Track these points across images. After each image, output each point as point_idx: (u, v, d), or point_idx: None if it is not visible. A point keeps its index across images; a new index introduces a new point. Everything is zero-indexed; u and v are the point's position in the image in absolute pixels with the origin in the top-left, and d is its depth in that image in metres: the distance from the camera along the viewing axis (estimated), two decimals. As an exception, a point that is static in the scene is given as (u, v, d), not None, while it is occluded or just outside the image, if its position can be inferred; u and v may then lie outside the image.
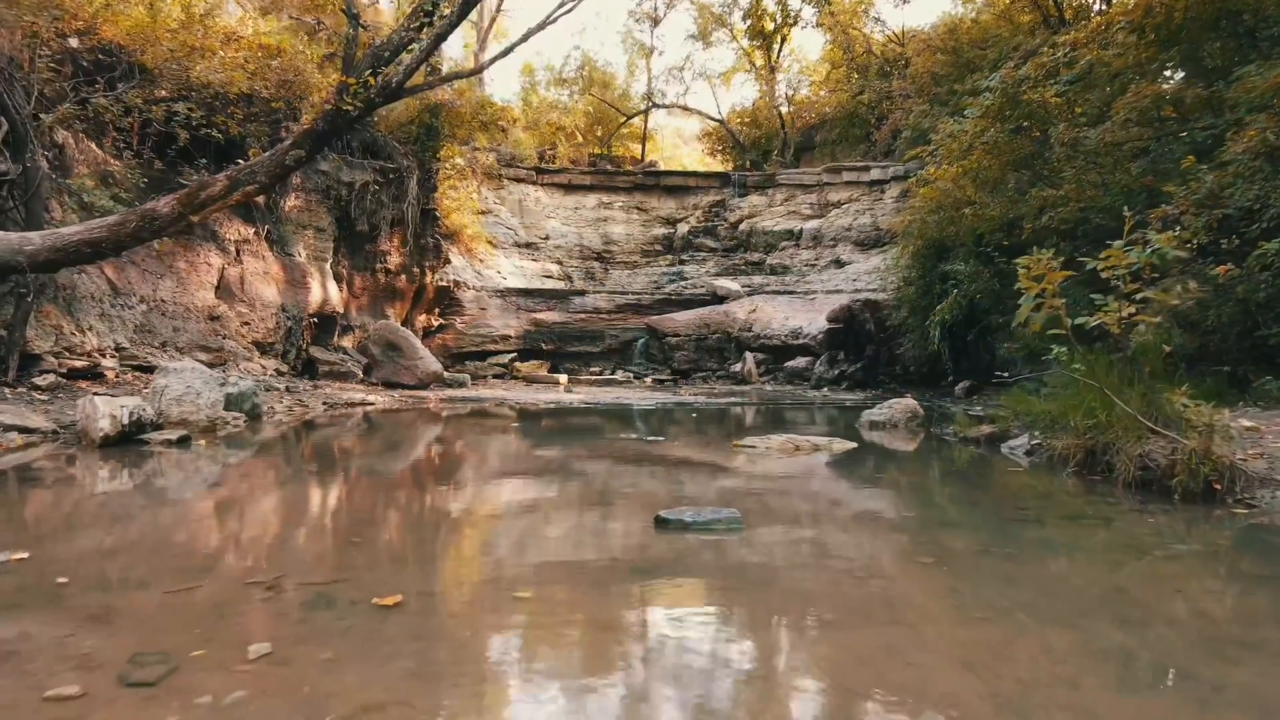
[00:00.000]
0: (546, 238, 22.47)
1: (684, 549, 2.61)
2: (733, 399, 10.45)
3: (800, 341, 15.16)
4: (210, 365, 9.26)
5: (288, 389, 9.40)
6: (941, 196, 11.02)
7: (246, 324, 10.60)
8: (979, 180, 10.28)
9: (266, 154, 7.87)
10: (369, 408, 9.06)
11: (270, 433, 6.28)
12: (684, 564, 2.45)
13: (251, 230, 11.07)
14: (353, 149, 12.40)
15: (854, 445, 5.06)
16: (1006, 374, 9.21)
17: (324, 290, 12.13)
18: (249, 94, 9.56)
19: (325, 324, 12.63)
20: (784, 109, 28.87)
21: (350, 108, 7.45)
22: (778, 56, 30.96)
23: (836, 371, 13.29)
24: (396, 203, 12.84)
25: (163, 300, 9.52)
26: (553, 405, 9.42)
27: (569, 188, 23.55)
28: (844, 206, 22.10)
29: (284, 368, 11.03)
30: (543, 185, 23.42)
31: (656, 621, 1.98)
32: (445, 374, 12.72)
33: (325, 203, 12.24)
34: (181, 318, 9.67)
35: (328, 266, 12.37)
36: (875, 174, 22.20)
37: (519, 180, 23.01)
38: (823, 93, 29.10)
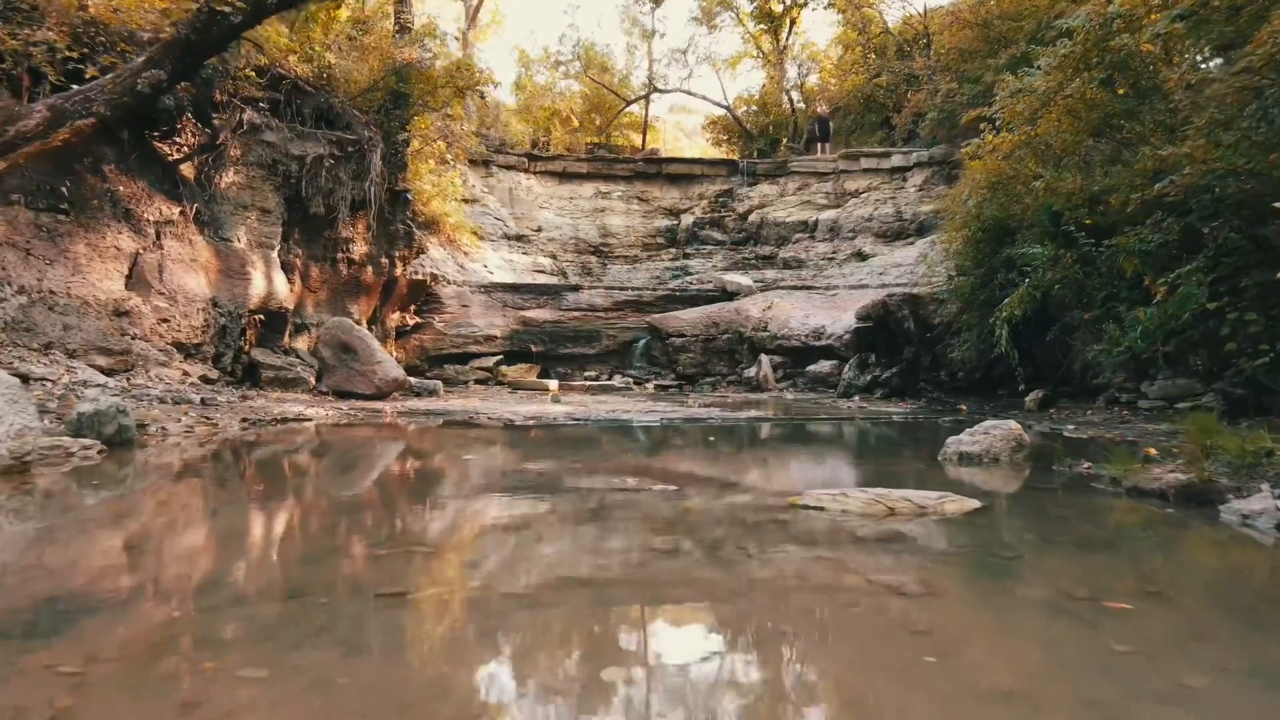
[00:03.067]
0: (539, 230, 20.66)
1: None
2: (753, 413, 8.62)
3: (823, 343, 13.33)
4: (110, 371, 7.45)
5: (204, 401, 7.58)
6: (1002, 169, 9.21)
7: (165, 321, 8.78)
8: (1057, 146, 8.47)
9: (109, 74, 5.97)
10: (303, 425, 7.25)
11: (136, 467, 4.47)
12: None
13: (177, 209, 9.25)
14: (304, 116, 10.57)
15: (976, 504, 3.23)
16: (1108, 382, 7.40)
17: (269, 282, 10.31)
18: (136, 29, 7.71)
19: (274, 322, 10.81)
20: (794, 94, 27.06)
21: (227, 7, 5.59)
22: (787, 40, 29.17)
23: (868, 377, 11.46)
24: (357, 181, 11.02)
25: (51, 291, 7.70)
26: (533, 421, 7.59)
27: (564, 176, 21.73)
28: (863, 195, 20.30)
29: (213, 374, 9.20)
30: (535, 173, 21.61)
31: None
32: (413, 380, 10.89)
33: (271, 179, 10.42)
34: (76, 313, 7.84)
35: (275, 254, 10.54)
36: (897, 160, 20.40)
37: (509, 167, 21.20)
38: (833, 81, 27.30)
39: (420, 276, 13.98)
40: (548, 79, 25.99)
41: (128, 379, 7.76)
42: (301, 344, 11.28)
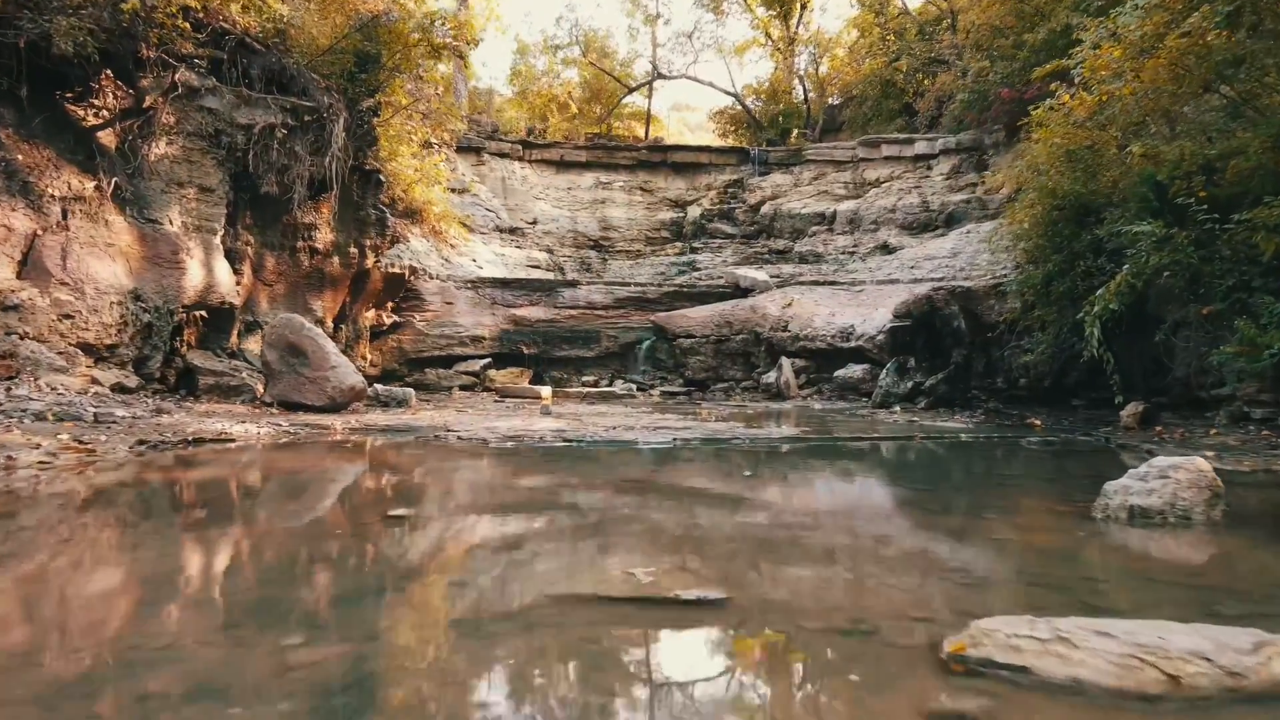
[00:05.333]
0: (534, 222, 19.13)
1: None
2: (785, 429, 7.05)
3: (852, 344, 11.76)
4: (-19, 380, 5.88)
5: (98, 418, 6.01)
6: (1080, 136, 7.65)
7: (68, 318, 7.22)
8: (1155, 104, 6.90)
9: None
10: (221, 447, 5.70)
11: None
12: None
13: (91, 183, 7.71)
14: (251, 79, 9.02)
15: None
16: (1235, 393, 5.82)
17: (209, 272, 8.75)
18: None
19: (218, 320, 9.27)
20: (807, 80, 25.50)
21: None
22: (797, 26, 27.61)
23: (909, 384, 9.88)
24: (317, 156, 9.47)
25: (-90, 279, 6.16)
26: (512, 443, 6.03)
27: (562, 165, 20.20)
28: (884, 185, 18.75)
29: (132, 381, 7.64)
30: (531, 162, 20.08)
31: None
32: (381, 388, 9.34)
33: (213, 152, 8.87)
34: (-56, 306, 6.30)
35: (217, 240, 8.99)
36: (921, 147, 18.83)
37: (502, 155, 19.68)
38: (842, 67, 25.72)
39: (398, 270, 12.43)
40: (546, 64, 24.42)
41: (7, 389, 6.20)
42: (253, 345, 9.73)
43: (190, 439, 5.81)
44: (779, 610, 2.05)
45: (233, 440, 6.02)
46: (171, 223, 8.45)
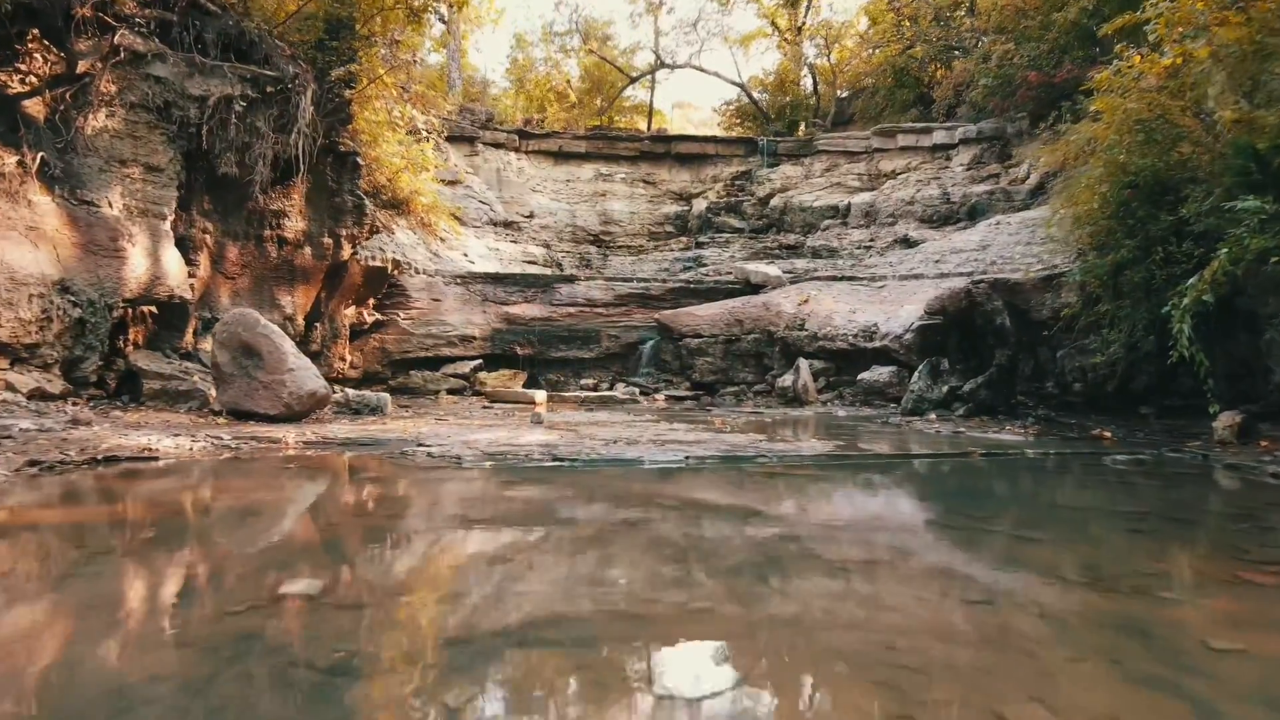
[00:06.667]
0: (531, 216, 18.10)
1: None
2: (817, 445, 6.02)
3: (876, 344, 10.72)
4: None
5: (-9, 431, 4.99)
6: (1156, 103, 6.60)
7: (-24, 312, 6.19)
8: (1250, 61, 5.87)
9: None
10: (141, 467, 4.69)
11: None
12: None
13: (12, 158, 6.68)
14: (205, 44, 8.00)
15: None
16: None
17: (156, 262, 7.72)
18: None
19: (170, 317, 8.24)
20: (817, 68, 24.45)
21: None
22: (805, 15, 26.57)
23: (944, 389, 8.83)
24: (282, 133, 8.44)
25: None
26: (490, 463, 5.00)
27: (560, 156, 19.16)
28: (901, 176, 17.72)
29: (56, 386, 6.61)
30: (527, 153, 19.04)
31: None
32: (352, 393, 8.32)
33: (161, 126, 7.84)
34: None
35: (166, 226, 7.95)
36: (940, 137, 17.80)
37: (497, 145, 18.65)
38: (851, 58, 24.64)
39: (379, 263, 11.39)
40: (544, 53, 23.38)
41: (-113, 396, 5.17)
42: (211, 345, 8.69)
43: (101, 457, 4.78)
44: None
45: (155, 458, 5.00)
46: (111, 205, 7.41)
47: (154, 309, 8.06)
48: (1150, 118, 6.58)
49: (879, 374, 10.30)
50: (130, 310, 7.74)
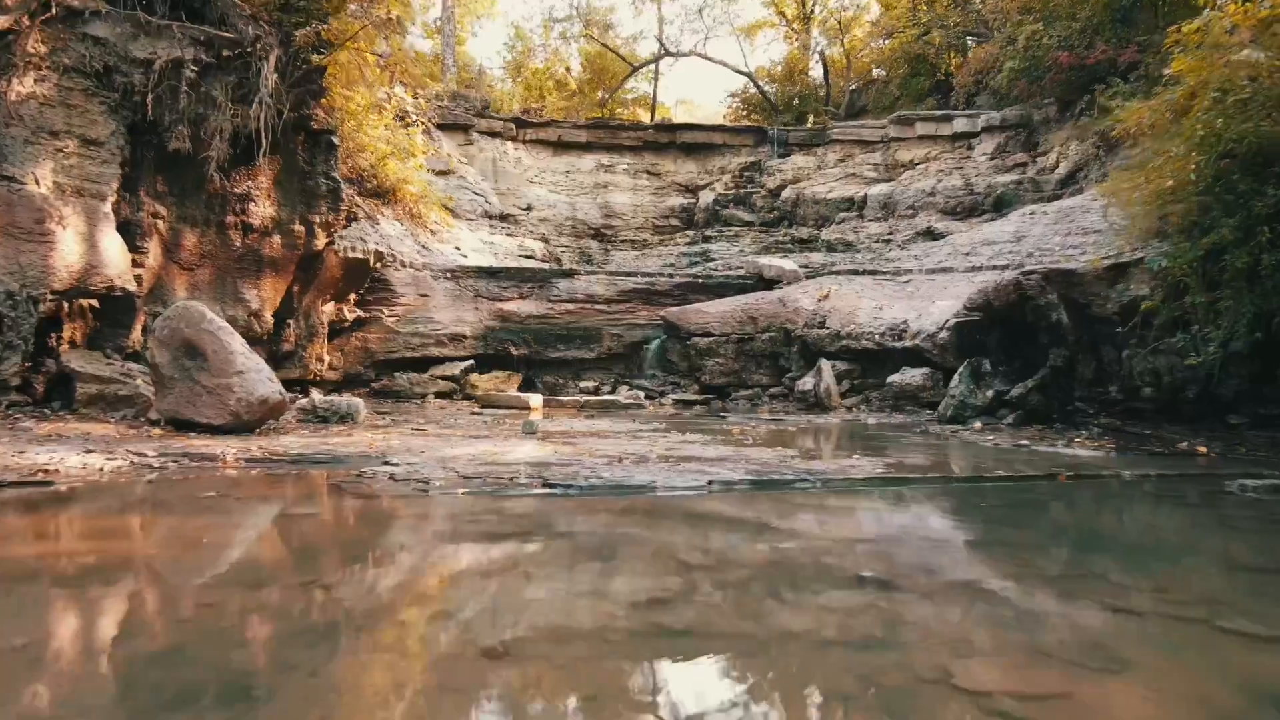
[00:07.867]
0: (528, 208, 17.09)
1: None
2: (865, 464, 5.01)
3: (906, 343, 9.73)
4: None
5: None
6: (1248, 66, 5.60)
7: None
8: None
9: None
10: (28, 495, 3.73)
11: None
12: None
13: (-86, 125, 5.69)
14: (152, 3, 7.02)
15: None
16: None
17: (93, 249, 6.73)
18: None
19: (114, 312, 7.26)
20: (828, 56, 23.43)
21: None
22: (813, 3, 25.58)
23: (989, 393, 7.84)
24: (242, 104, 7.45)
25: None
26: (465, 491, 4.00)
27: (559, 146, 18.15)
28: (920, 166, 16.71)
29: (-39, 392, 5.62)
30: (525, 142, 18.03)
31: None
32: (320, 398, 7.34)
33: (101, 94, 6.86)
34: None
35: (106, 208, 6.96)
36: (961, 125, 16.79)
37: (493, 134, 17.62)
38: (862, 47, 23.64)
39: (360, 255, 10.39)
40: (543, 39, 22.39)
41: None
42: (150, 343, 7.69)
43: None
44: None
45: (49, 483, 4.02)
46: (38, 182, 6.43)
47: (94, 303, 7.08)
48: (1236, 81, 5.58)
49: (910, 376, 9.30)
50: (65, 304, 6.77)
